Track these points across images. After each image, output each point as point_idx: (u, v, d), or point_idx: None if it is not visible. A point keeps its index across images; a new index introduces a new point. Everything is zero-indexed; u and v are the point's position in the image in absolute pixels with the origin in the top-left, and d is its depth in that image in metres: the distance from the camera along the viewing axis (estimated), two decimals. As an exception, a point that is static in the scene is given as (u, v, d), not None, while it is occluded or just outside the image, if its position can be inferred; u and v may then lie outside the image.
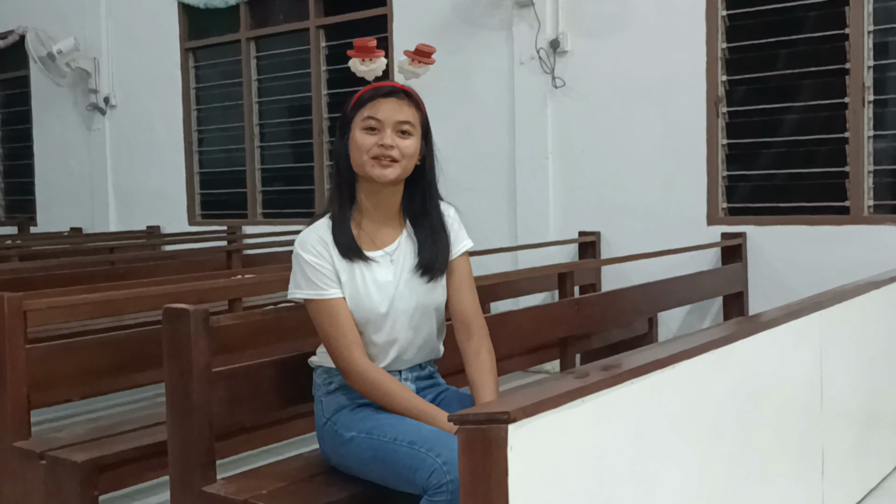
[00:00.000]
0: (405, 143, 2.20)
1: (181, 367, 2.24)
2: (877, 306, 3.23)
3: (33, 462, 2.68)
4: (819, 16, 4.87)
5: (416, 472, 2.00)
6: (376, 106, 2.19)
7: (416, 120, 2.23)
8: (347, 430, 2.21)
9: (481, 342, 2.29)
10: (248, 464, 2.75)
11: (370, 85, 2.26)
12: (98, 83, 8.14)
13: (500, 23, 5.81)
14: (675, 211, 5.23)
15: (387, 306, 2.22)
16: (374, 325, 2.23)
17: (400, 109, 2.20)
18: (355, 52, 2.29)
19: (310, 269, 2.20)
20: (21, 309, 2.80)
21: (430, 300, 2.27)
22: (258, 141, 7.43)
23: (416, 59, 2.37)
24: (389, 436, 2.11)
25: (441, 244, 2.29)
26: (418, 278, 2.26)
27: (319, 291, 2.20)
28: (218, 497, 2.20)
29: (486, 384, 2.23)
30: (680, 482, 2.04)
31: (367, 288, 2.21)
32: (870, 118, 4.71)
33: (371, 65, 2.29)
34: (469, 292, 2.33)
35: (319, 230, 2.24)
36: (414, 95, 2.26)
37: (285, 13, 7.26)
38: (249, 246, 6.16)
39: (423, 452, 2.00)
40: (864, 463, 3.13)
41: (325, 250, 2.21)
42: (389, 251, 2.27)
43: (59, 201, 8.74)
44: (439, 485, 1.94)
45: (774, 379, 2.47)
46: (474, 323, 2.30)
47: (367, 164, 2.19)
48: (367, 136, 2.19)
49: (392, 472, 2.09)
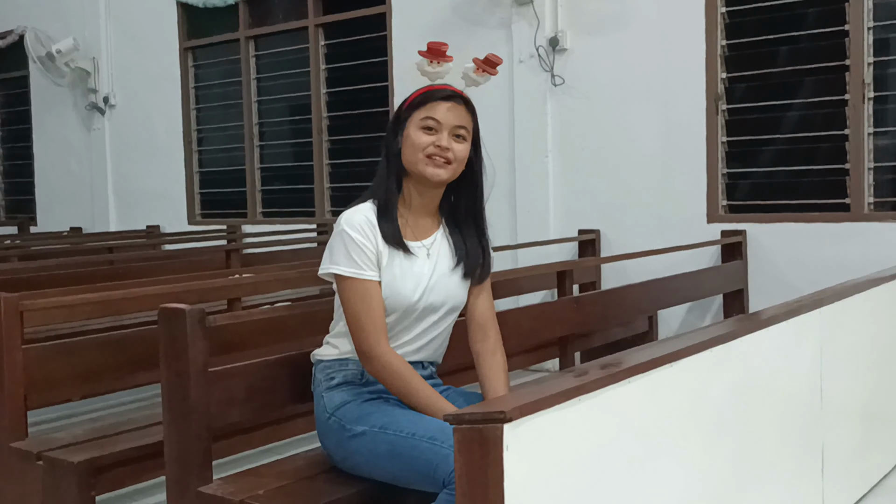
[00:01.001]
0: (459, 148, 2.26)
1: (178, 367, 2.23)
2: (877, 304, 3.22)
3: (30, 463, 2.67)
4: (819, 12, 4.85)
5: (438, 467, 1.99)
6: (435, 108, 2.25)
7: (470, 127, 2.30)
8: (357, 424, 2.20)
9: (497, 345, 2.36)
10: (247, 464, 2.74)
11: (429, 86, 2.31)
12: (97, 83, 8.14)
13: (499, 21, 5.80)
14: (675, 208, 5.22)
15: (419, 296, 2.25)
16: (401, 315, 2.26)
17: (457, 114, 2.27)
18: (427, 53, 2.32)
19: (353, 248, 2.21)
20: (18, 309, 2.79)
21: (455, 300, 2.33)
22: (258, 140, 7.42)
23: (481, 69, 2.40)
24: (407, 431, 2.10)
25: (487, 250, 2.39)
26: (453, 276, 2.31)
27: (358, 271, 2.21)
28: (214, 497, 2.19)
29: (500, 381, 2.29)
30: (680, 481, 2.03)
31: (404, 276, 2.24)
32: (870, 115, 4.70)
33: (438, 68, 2.33)
34: (489, 299, 2.41)
35: (367, 212, 2.26)
36: (470, 103, 2.32)
37: (284, 12, 7.25)
38: (249, 245, 6.15)
39: (446, 448, 1.98)
40: (864, 460, 3.12)
41: (371, 232, 2.23)
42: (427, 244, 2.31)
43: (59, 201, 8.73)
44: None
45: (774, 377, 2.46)
46: (492, 327, 2.37)
47: (420, 161, 2.23)
48: (424, 135, 2.24)
49: (409, 468, 2.08)
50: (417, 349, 2.32)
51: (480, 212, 2.39)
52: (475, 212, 2.38)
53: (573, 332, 3.76)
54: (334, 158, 6.94)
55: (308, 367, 2.41)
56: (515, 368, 3.88)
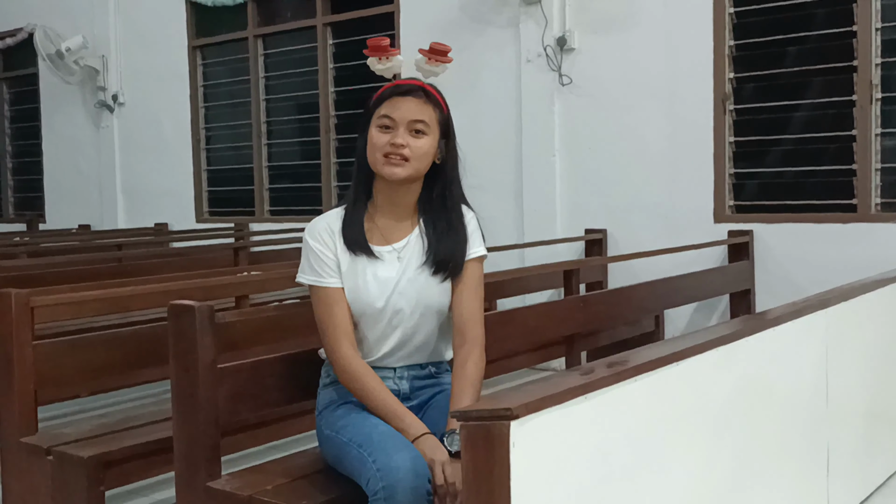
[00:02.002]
0: (418, 143, 2.20)
1: (187, 363, 2.25)
2: (883, 304, 3.22)
3: (40, 457, 2.69)
4: (827, 13, 4.85)
5: (361, 475, 2.03)
6: (393, 104, 2.21)
7: (432, 119, 2.23)
8: (327, 427, 2.26)
9: (470, 352, 2.22)
10: (254, 460, 2.76)
11: (392, 82, 2.28)
12: (106, 81, 8.16)
13: (507, 20, 5.80)
14: (683, 208, 5.22)
15: (384, 301, 2.23)
16: (370, 319, 2.24)
17: (416, 108, 2.21)
18: (370, 51, 2.31)
19: (313, 256, 2.24)
20: (28, 305, 2.81)
21: (432, 300, 2.26)
22: (265, 138, 7.44)
23: (432, 58, 2.39)
24: (348, 436, 2.14)
25: (458, 244, 2.27)
26: (425, 276, 2.25)
27: (319, 279, 2.23)
28: (223, 493, 2.21)
29: (464, 394, 2.16)
30: (684, 479, 2.04)
31: (367, 281, 2.22)
32: (877, 116, 4.69)
33: (388, 63, 2.32)
34: (471, 299, 2.27)
35: (329, 219, 2.27)
36: (433, 94, 2.26)
37: (293, 11, 7.27)
38: (256, 243, 6.17)
39: (364, 456, 2.02)
40: (869, 461, 3.12)
41: (330, 239, 2.24)
42: (398, 247, 2.27)
43: (68, 198, 8.77)
44: (374, 491, 1.95)
45: (780, 377, 2.47)
46: (469, 331, 2.24)
47: (378, 161, 2.20)
48: (381, 134, 2.21)
49: (349, 473, 2.13)
50: (409, 353, 2.30)
51: (455, 203, 2.28)
52: (449, 204, 2.28)
53: (579, 331, 3.77)
54: (342, 157, 6.96)
55: (314, 365, 2.43)
56: (522, 367, 3.90)
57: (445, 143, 2.27)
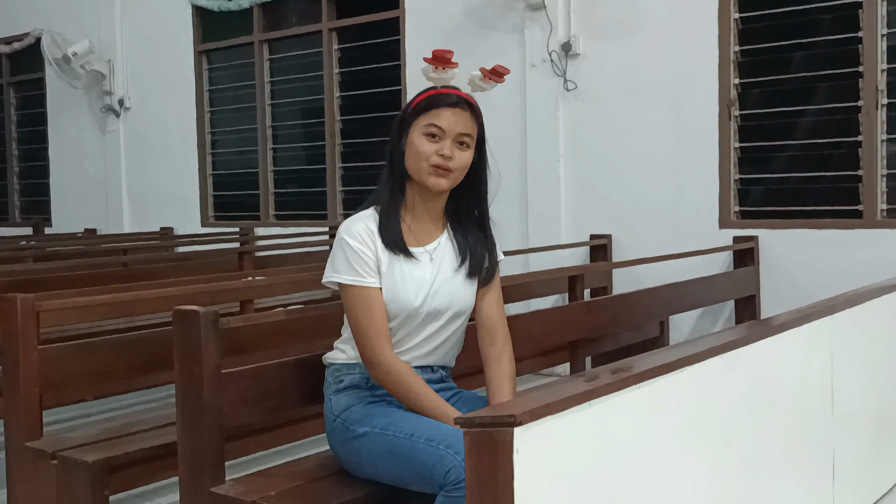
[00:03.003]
0: (462, 156, 2.25)
1: (191, 368, 2.25)
2: (889, 310, 3.21)
3: (45, 462, 2.70)
4: (832, 18, 4.85)
5: (434, 468, 2.01)
6: (440, 114, 2.23)
7: (474, 133, 2.28)
8: (359, 425, 2.22)
9: (504, 348, 2.33)
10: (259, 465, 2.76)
11: (433, 90, 2.29)
12: (113, 85, 8.19)
13: (512, 25, 5.81)
14: (688, 214, 5.22)
15: (420, 301, 2.25)
16: (404, 320, 2.26)
17: (462, 121, 2.24)
18: (432, 60, 2.32)
19: (353, 255, 2.23)
20: (34, 310, 2.82)
21: (461, 304, 2.31)
22: (271, 143, 7.46)
23: (489, 77, 2.40)
24: (406, 432, 2.12)
25: (491, 251, 2.37)
26: (459, 279, 2.30)
27: (358, 278, 2.22)
28: (227, 498, 2.21)
29: (504, 388, 2.27)
30: (689, 486, 2.04)
31: (405, 282, 2.24)
32: (883, 121, 4.69)
33: (443, 73, 2.32)
34: (497, 301, 2.38)
35: (366, 220, 2.28)
36: (476, 108, 2.30)
37: (298, 16, 7.29)
38: (261, 248, 6.18)
39: (441, 449, 2.02)
40: (875, 468, 3.11)
41: (370, 239, 2.24)
42: (430, 249, 2.30)
43: (74, 203, 8.79)
44: (457, 481, 1.95)
45: (785, 383, 2.46)
46: (499, 330, 2.34)
47: (424, 171, 2.22)
48: (427, 142, 2.22)
49: (407, 469, 2.10)
50: (426, 354, 2.32)
51: (484, 214, 2.38)
52: (479, 214, 2.37)
53: (584, 337, 3.76)
54: (347, 162, 6.97)
55: (319, 370, 2.43)
56: (526, 372, 3.89)
57: (479, 155, 2.32)
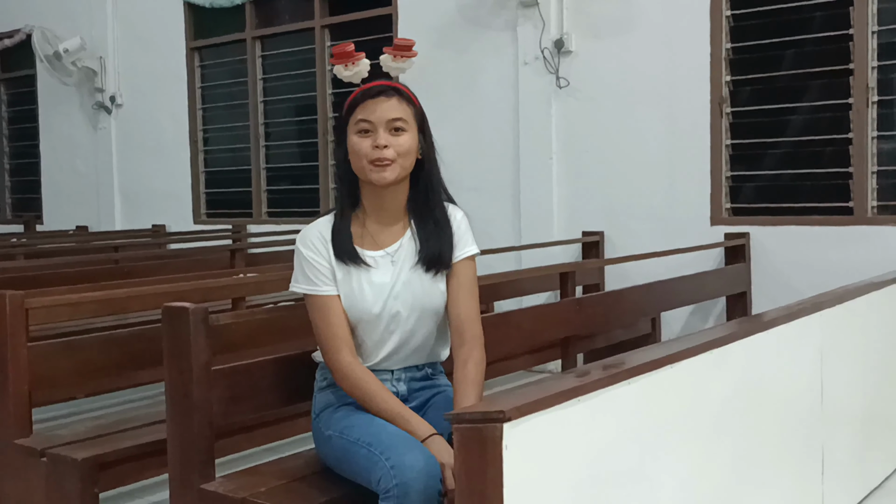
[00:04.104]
0: (399, 141, 2.19)
1: (181, 365, 2.25)
2: (878, 307, 3.22)
3: (34, 459, 2.69)
4: (823, 16, 4.85)
5: (371, 474, 2.02)
6: (367, 107, 2.19)
7: (409, 115, 2.22)
8: (327, 428, 2.24)
9: (471, 352, 2.23)
10: (249, 462, 2.75)
11: (360, 87, 2.26)
12: (104, 82, 8.16)
13: (504, 23, 5.81)
14: (679, 211, 5.22)
15: (380, 307, 2.22)
16: (367, 325, 2.24)
17: (391, 107, 2.20)
18: (335, 59, 2.31)
19: (307, 265, 2.23)
20: (23, 307, 2.81)
21: (428, 302, 2.26)
22: (263, 140, 7.45)
23: (397, 55, 2.38)
24: (354, 436, 2.13)
25: (445, 238, 2.26)
26: (419, 276, 2.25)
27: (314, 287, 2.23)
28: (217, 495, 2.21)
29: (467, 394, 2.17)
30: (679, 482, 2.04)
31: (362, 288, 2.22)
32: (874, 119, 4.70)
33: (354, 68, 2.31)
34: (467, 299, 2.28)
35: (321, 227, 2.27)
36: (404, 91, 2.25)
37: (291, 13, 7.27)
38: (254, 245, 6.17)
39: (376, 455, 2.02)
40: (865, 463, 3.13)
41: (323, 247, 2.24)
42: (391, 251, 2.27)
43: (66, 200, 8.77)
44: (387, 489, 1.94)
45: (775, 379, 2.47)
46: (467, 331, 2.25)
47: (366, 168, 2.19)
48: (362, 139, 2.19)
49: (355, 473, 2.12)
50: (406, 355, 2.30)
51: (438, 198, 2.28)
52: (432, 200, 2.28)
53: (575, 334, 3.77)
54: (339, 159, 6.95)
55: (308, 367, 2.42)
56: (518, 369, 3.90)
57: (423, 138, 2.26)
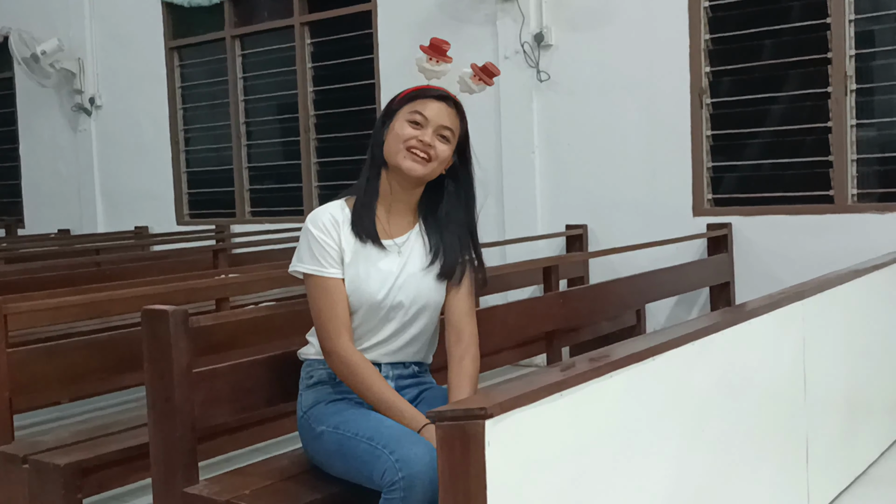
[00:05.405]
0: (441, 147, 2.25)
1: (161, 368, 2.23)
2: (859, 295, 3.24)
3: (16, 466, 2.67)
4: (801, 6, 4.87)
5: (373, 468, 2.02)
6: (426, 104, 2.24)
7: (456, 129, 2.29)
8: (319, 424, 2.23)
9: (468, 349, 2.29)
10: (234, 464, 2.74)
11: (421, 86, 2.30)
12: (83, 84, 8.10)
13: (484, 17, 5.80)
14: (661, 203, 5.24)
15: (384, 294, 2.24)
16: (367, 311, 2.25)
17: (447, 114, 2.26)
18: (428, 50, 2.31)
19: (316, 245, 2.23)
20: (2, 312, 2.78)
21: (427, 299, 2.29)
22: (245, 139, 7.41)
23: (479, 77, 2.40)
24: (352, 431, 2.12)
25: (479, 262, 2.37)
26: (425, 276, 2.28)
27: (320, 268, 2.22)
28: (200, 498, 2.19)
29: (463, 388, 2.23)
30: (663, 474, 2.04)
31: (369, 273, 2.23)
32: (852, 107, 4.72)
33: (437, 67, 2.32)
34: (467, 298, 2.34)
35: (333, 210, 2.27)
36: (461, 108, 2.31)
37: (270, 10, 7.24)
38: (237, 245, 6.14)
39: (378, 449, 2.02)
40: (848, 451, 3.14)
41: (334, 229, 2.24)
42: (399, 242, 2.29)
43: (47, 203, 8.70)
44: (392, 482, 1.95)
45: (758, 369, 2.48)
46: (465, 329, 2.30)
47: (400, 153, 2.22)
48: (409, 127, 2.23)
49: (353, 468, 2.11)
50: (395, 350, 2.31)
51: (473, 224, 2.37)
52: (467, 224, 2.35)
53: (560, 327, 3.77)
54: (322, 157, 6.94)
55: (292, 367, 2.41)
56: (503, 364, 3.90)
57: (459, 158, 2.33)
